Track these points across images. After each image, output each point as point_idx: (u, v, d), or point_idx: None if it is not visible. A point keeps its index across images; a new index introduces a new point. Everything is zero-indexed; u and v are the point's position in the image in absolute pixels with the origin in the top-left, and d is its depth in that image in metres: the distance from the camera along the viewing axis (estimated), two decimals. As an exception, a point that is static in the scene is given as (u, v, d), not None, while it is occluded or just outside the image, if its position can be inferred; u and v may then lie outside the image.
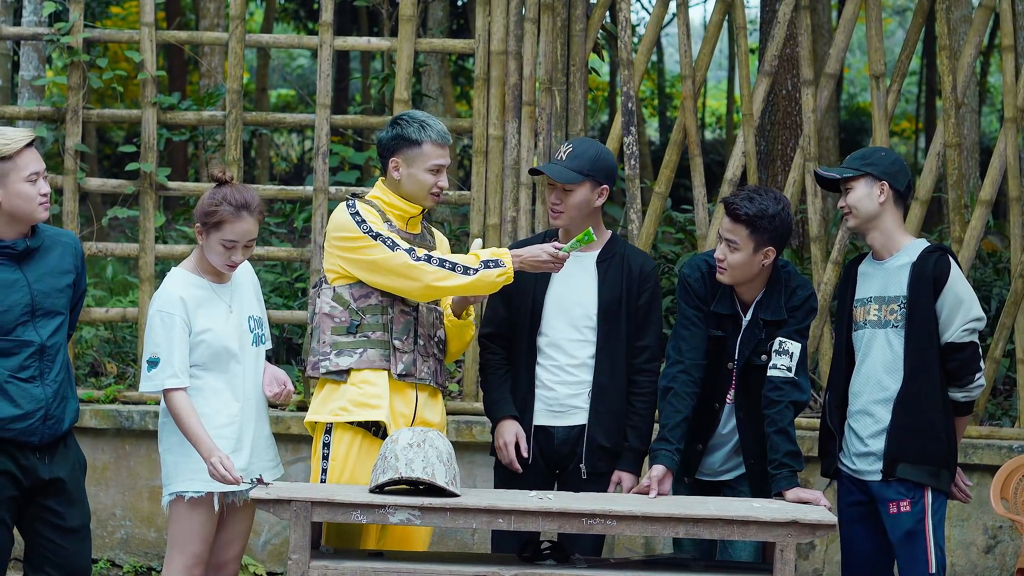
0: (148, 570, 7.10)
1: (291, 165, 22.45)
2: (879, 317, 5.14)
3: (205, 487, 4.96)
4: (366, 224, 5.04)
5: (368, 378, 5.06)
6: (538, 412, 5.28)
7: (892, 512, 5.08)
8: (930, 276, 5.06)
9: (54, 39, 7.25)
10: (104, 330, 7.88)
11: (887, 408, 5.10)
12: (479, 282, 4.98)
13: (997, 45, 7.67)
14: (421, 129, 5.12)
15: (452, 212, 9.69)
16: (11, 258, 4.85)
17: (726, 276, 5.15)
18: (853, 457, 5.18)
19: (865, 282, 5.23)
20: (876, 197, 5.13)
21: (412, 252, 5.00)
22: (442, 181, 5.16)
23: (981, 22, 7.13)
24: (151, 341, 4.98)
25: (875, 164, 5.16)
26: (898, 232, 5.18)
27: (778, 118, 8.98)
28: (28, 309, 4.85)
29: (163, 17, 16.67)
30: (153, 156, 7.20)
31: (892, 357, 5.10)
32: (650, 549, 6.87)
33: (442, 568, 4.79)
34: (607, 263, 5.29)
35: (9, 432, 4.82)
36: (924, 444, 5.07)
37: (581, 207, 5.21)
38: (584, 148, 5.26)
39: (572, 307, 5.27)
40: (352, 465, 5.07)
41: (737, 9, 7.14)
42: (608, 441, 5.24)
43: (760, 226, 5.06)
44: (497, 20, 7.06)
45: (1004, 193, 7.17)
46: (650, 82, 22.42)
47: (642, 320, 5.29)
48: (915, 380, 5.06)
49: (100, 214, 7.90)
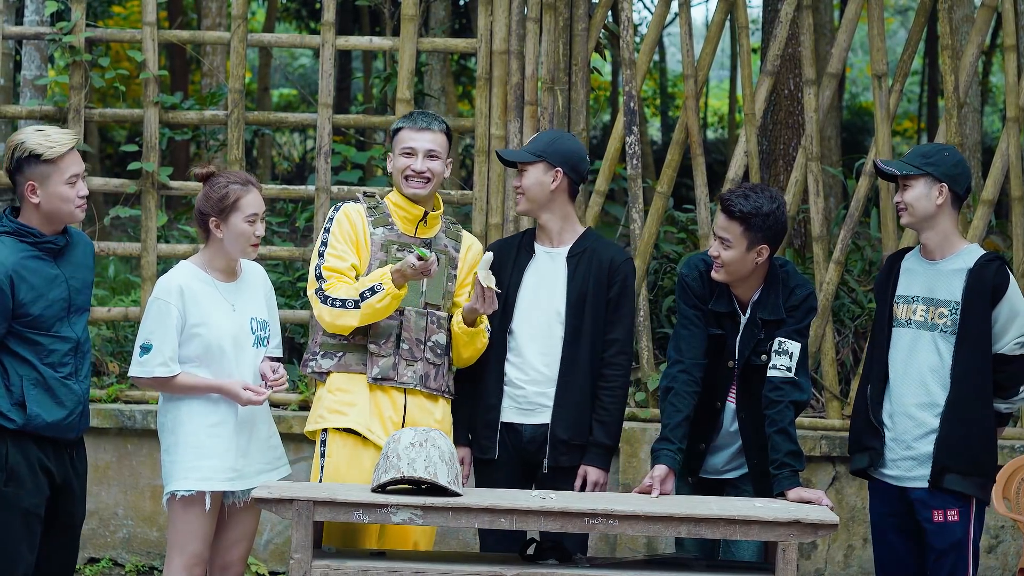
0: (150, 569, 7.10)
1: (293, 165, 22.45)
2: (926, 319, 5.07)
3: (196, 485, 4.98)
4: (324, 246, 5.19)
5: (343, 385, 5.15)
6: (507, 409, 5.29)
7: (938, 520, 5.03)
8: (988, 285, 4.98)
9: (56, 38, 7.25)
10: (106, 329, 7.88)
11: (931, 413, 5.04)
12: (368, 312, 5.06)
13: (999, 45, 7.66)
14: (405, 119, 5.30)
15: (455, 212, 9.67)
16: (51, 253, 4.88)
17: (720, 274, 5.13)
18: (890, 463, 5.12)
19: (910, 279, 5.16)
20: (934, 198, 5.04)
21: (320, 291, 5.11)
22: (415, 164, 5.19)
23: (983, 22, 7.13)
24: (145, 327, 5.03)
25: (937, 164, 5.06)
26: (953, 234, 5.10)
27: (780, 118, 8.96)
28: (66, 305, 4.89)
29: (165, 16, 16.66)
30: (155, 155, 7.20)
31: (939, 362, 5.05)
32: (652, 549, 6.87)
33: (444, 568, 4.80)
34: (577, 258, 5.30)
35: (54, 430, 4.85)
36: (974, 455, 5.04)
37: (535, 190, 5.25)
38: (544, 134, 5.40)
39: (542, 303, 5.29)
40: (344, 468, 5.13)
41: (739, 8, 7.14)
42: (570, 435, 5.24)
43: (754, 224, 5.04)
44: (499, 19, 7.06)
45: (1006, 193, 7.16)
46: (652, 82, 22.42)
47: (612, 313, 5.28)
48: (966, 389, 5.00)
49: (102, 213, 7.90)
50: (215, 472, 5.01)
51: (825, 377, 7.01)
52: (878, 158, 6.39)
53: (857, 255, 8.25)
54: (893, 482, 5.12)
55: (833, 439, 6.90)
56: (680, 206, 9.69)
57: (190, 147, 14.87)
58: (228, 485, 5.04)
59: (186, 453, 5.00)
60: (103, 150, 19.51)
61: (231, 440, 5.05)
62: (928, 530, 5.07)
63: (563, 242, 5.33)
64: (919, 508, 5.07)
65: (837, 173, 9.70)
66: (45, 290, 4.82)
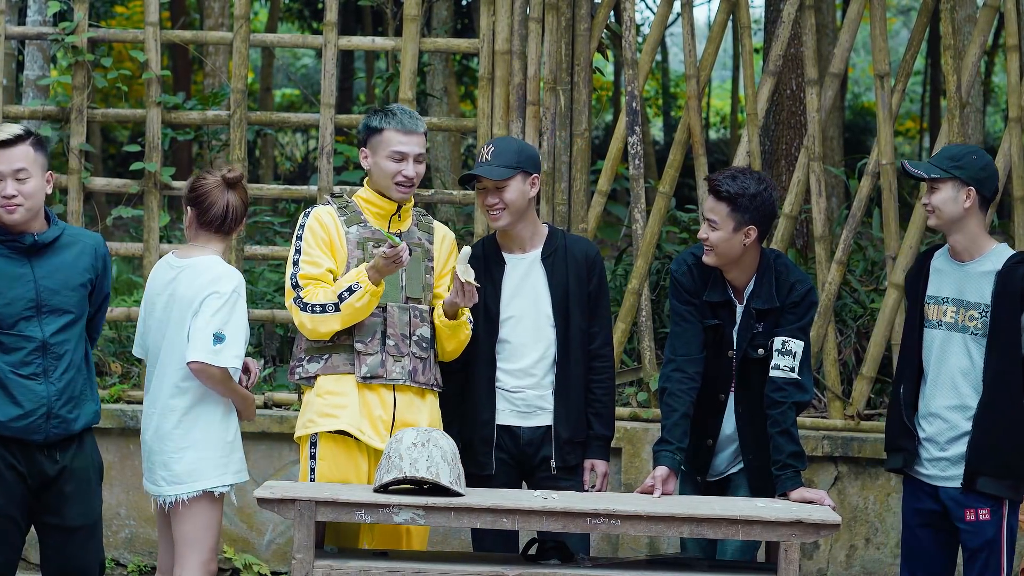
0: (152, 570, 7.10)
1: (295, 165, 22.48)
2: (956, 320, 5.06)
3: (234, 479, 5.07)
4: (298, 254, 5.14)
5: (332, 387, 5.12)
6: (503, 412, 5.27)
7: (970, 519, 5.04)
8: (1018, 288, 4.97)
9: (58, 38, 7.25)
10: (109, 330, 7.88)
11: (963, 415, 5.04)
12: (348, 313, 5.04)
13: (1002, 45, 7.65)
14: (384, 116, 5.18)
15: (457, 211, 9.68)
16: (18, 251, 4.85)
17: (711, 257, 5.12)
18: (924, 462, 5.13)
19: (940, 279, 5.14)
20: (961, 202, 5.02)
21: (298, 300, 5.07)
22: (407, 170, 5.15)
23: (986, 22, 7.12)
24: (218, 317, 4.95)
25: (965, 168, 5.04)
26: (982, 236, 5.09)
27: (782, 118, 8.96)
28: (32, 304, 4.85)
29: (167, 17, 16.67)
30: (157, 156, 7.20)
31: (969, 365, 5.04)
32: (654, 549, 6.87)
33: (446, 567, 4.80)
34: (551, 258, 5.30)
35: (10, 430, 4.83)
36: (1006, 458, 5.02)
37: (518, 202, 5.23)
38: (506, 144, 5.32)
39: (528, 309, 5.28)
40: (335, 471, 5.10)
41: (741, 9, 7.14)
42: (572, 433, 5.25)
43: (741, 204, 5.04)
44: (501, 20, 7.06)
45: (1008, 193, 7.16)
46: (654, 82, 22.41)
47: (593, 306, 5.31)
48: (997, 392, 4.99)
49: (104, 214, 7.90)
50: (243, 464, 5.10)
51: (827, 377, 7.01)
52: (906, 161, 6.39)
53: (859, 255, 8.25)
54: (927, 480, 5.14)
55: (835, 439, 6.90)
56: (682, 206, 9.70)
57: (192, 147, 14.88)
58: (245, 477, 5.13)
59: (219, 449, 5.03)
60: (106, 150, 19.52)
61: (239, 436, 5.12)
62: (962, 529, 5.08)
63: (533, 246, 5.32)
64: (952, 507, 5.08)
65: (839, 173, 9.70)
66: (3, 288, 4.81)
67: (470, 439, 5.26)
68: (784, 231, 7.05)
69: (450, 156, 11.13)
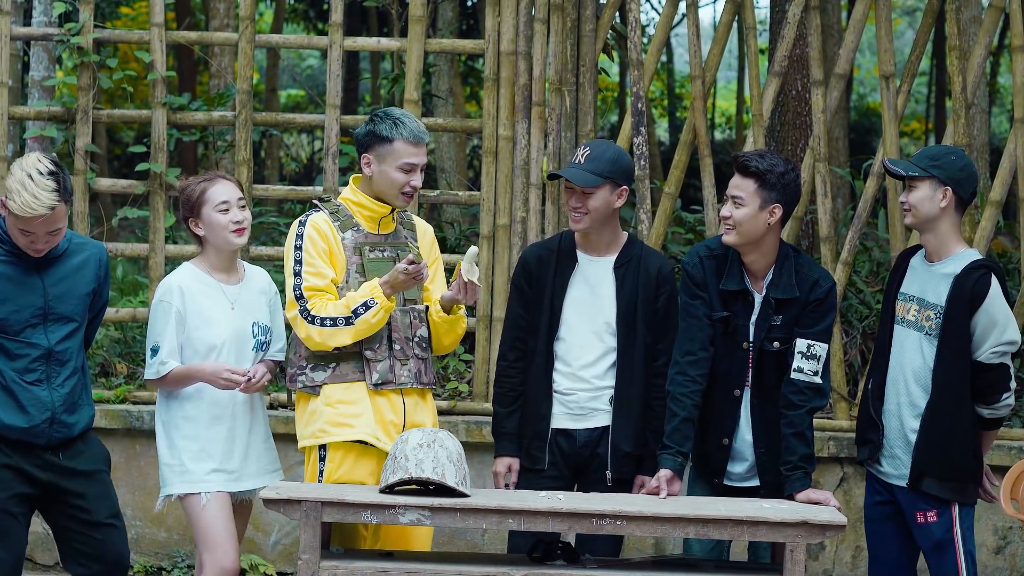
0: (159, 570, 7.11)
1: (301, 165, 22.48)
2: (916, 319, 5.08)
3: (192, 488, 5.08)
4: (300, 265, 5.07)
5: (342, 396, 5.07)
6: (558, 415, 5.25)
7: (920, 522, 5.06)
8: (968, 293, 4.97)
9: (64, 39, 7.26)
10: (114, 330, 7.89)
11: (912, 414, 5.06)
12: (362, 328, 5.00)
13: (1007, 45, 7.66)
14: (394, 126, 5.09)
15: (462, 212, 9.69)
16: (32, 261, 4.88)
17: (732, 236, 5.07)
18: (883, 458, 5.15)
19: (912, 277, 5.17)
20: (938, 201, 5.03)
21: (304, 312, 5.01)
22: (415, 180, 5.12)
23: (991, 22, 7.12)
24: (153, 330, 5.09)
25: (944, 168, 5.05)
26: (952, 239, 5.09)
27: (788, 118, 8.95)
28: (40, 312, 4.88)
29: (173, 18, 16.67)
30: (163, 156, 7.21)
31: (922, 364, 5.05)
32: (660, 549, 6.87)
33: (452, 568, 4.79)
34: (624, 268, 5.25)
35: (14, 434, 4.86)
36: (950, 461, 5.03)
37: (602, 210, 5.17)
38: (602, 150, 5.22)
39: (591, 312, 5.24)
40: (346, 477, 5.07)
41: (747, 9, 7.14)
42: (632, 447, 5.23)
43: (768, 181, 5.02)
44: (507, 20, 7.06)
45: (1014, 193, 7.16)
46: (660, 83, 22.40)
47: (660, 323, 5.25)
48: (944, 395, 5.00)
49: (110, 214, 7.92)
50: (210, 475, 5.09)
51: (833, 378, 7.00)
52: (886, 157, 6.39)
53: (865, 256, 8.24)
54: (883, 477, 5.16)
55: (841, 440, 6.90)
56: (688, 207, 9.69)
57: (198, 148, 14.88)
58: (225, 487, 5.10)
59: (183, 455, 5.06)
60: (111, 151, 19.53)
61: (227, 441, 5.11)
62: (914, 530, 5.12)
63: (610, 252, 5.28)
64: (905, 506, 5.11)
65: (845, 174, 9.70)
66: (13, 295, 4.84)
67: (525, 432, 5.27)
68: (790, 232, 7.05)
69: (455, 157, 11.14)
